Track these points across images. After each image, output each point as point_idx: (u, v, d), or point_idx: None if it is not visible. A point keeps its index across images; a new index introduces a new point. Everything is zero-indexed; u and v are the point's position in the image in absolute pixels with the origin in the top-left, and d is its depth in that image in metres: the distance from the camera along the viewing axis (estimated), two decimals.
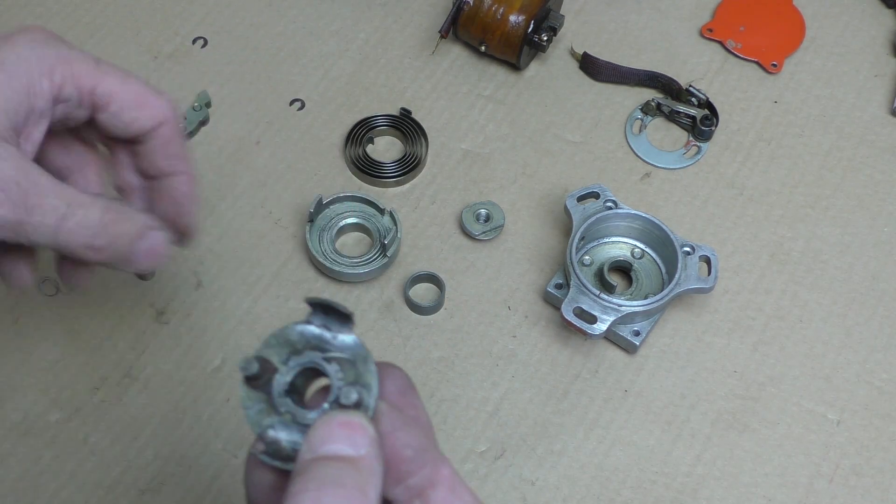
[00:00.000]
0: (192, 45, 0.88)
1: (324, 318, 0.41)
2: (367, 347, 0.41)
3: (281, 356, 0.41)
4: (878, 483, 0.70)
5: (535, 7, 0.83)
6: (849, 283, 0.78)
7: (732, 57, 0.88)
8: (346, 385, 0.40)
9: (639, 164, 0.83)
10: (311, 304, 0.42)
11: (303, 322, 0.42)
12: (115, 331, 0.74)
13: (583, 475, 0.69)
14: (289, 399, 0.41)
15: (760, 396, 0.73)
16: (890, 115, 0.86)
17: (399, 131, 0.83)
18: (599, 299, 0.71)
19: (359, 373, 0.40)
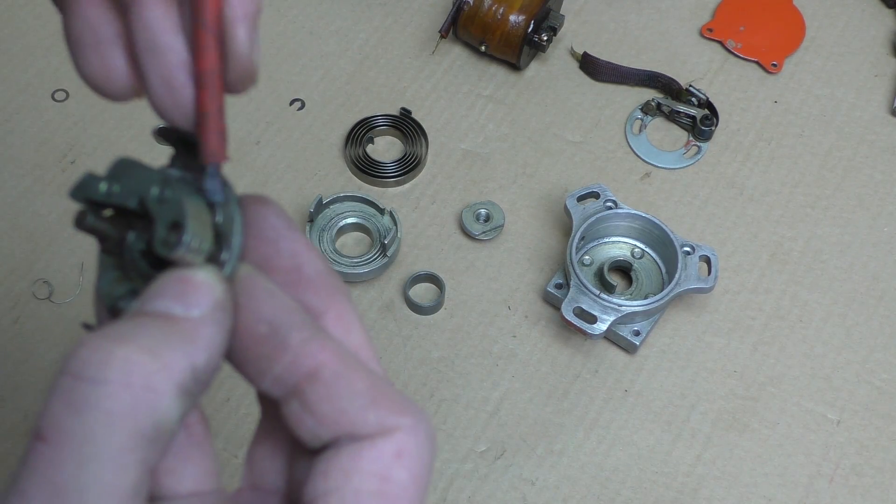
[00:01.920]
0: None
1: (185, 159, 0.33)
2: (232, 192, 0.33)
3: (111, 189, 0.33)
4: (878, 483, 0.70)
5: (535, 7, 0.83)
6: (849, 283, 0.78)
7: (732, 57, 0.88)
8: (196, 238, 0.31)
9: (639, 164, 0.83)
10: (167, 139, 0.33)
11: (162, 167, 0.33)
12: None
13: (583, 475, 0.69)
14: (144, 262, 0.33)
15: (760, 396, 0.73)
16: (890, 115, 0.86)
17: (399, 131, 0.83)
18: (599, 299, 0.71)
19: (219, 224, 0.32)
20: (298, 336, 0.30)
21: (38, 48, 0.87)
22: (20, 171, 0.81)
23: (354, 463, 0.29)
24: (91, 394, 0.27)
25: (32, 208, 0.79)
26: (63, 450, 0.27)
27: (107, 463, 0.27)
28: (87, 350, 0.28)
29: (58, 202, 0.79)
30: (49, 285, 0.75)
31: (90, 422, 0.27)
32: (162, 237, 0.30)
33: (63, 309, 0.74)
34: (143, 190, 0.31)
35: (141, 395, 0.27)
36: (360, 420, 0.29)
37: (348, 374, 0.30)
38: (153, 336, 0.28)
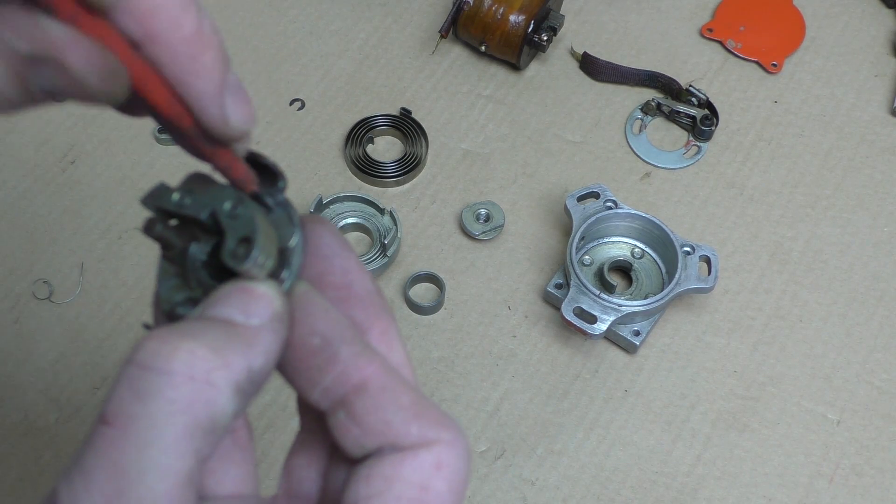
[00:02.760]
0: None
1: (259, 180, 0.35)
2: (294, 211, 0.35)
3: (183, 200, 0.34)
4: (878, 483, 0.70)
5: (535, 7, 0.83)
6: (849, 283, 0.78)
7: (732, 57, 0.88)
8: (263, 254, 0.33)
9: (639, 164, 0.83)
10: (248, 162, 0.35)
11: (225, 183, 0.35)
12: (115, 331, 0.74)
13: (583, 475, 0.69)
14: (205, 272, 0.35)
15: (760, 396, 0.73)
16: (890, 115, 0.86)
17: (399, 131, 0.83)
18: (599, 299, 0.71)
19: (282, 239, 0.34)
20: (348, 350, 0.32)
21: None
22: (20, 171, 0.81)
23: (396, 471, 0.31)
24: (156, 383, 0.29)
25: (32, 208, 0.79)
26: (126, 433, 0.28)
27: (166, 448, 0.28)
28: (154, 342, 0.30)
29: (58, 202, 0.79)
30: (49, 285, 0.75)
31: (154, 409, 0.29)
32: (231, 249, 0.32)
33: (63, 309, 0.74)
34: (216, 204, 0.33)
35: (202, 389, 0.29)
36: (404, 432, 0.31)
37: (393, 388, 0.32)
38: (216, 336, 0.30)
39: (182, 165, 0.81)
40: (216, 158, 0.34)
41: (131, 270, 0.76)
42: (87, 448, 0.29)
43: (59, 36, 0.29)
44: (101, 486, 0.28)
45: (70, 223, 0.78)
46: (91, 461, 0.29)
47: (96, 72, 0.29)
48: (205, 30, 0.32)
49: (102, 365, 0.72)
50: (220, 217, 0.33)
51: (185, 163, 0.83)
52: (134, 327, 0.74)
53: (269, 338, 0.32)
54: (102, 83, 0.30)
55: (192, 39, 0.31)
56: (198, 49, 0.32)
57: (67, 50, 0.29)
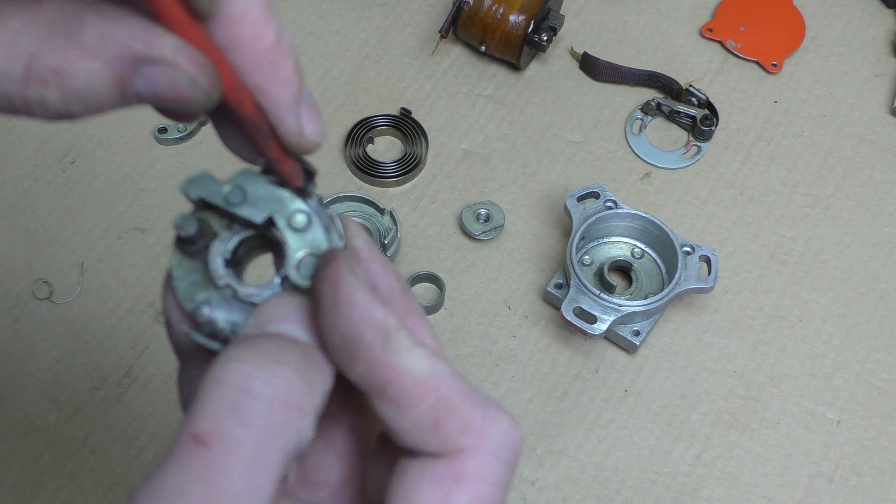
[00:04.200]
0: None
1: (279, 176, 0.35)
2: (330, 214, 0.35)
3: (234, 197, 0.34)
4: (878, 483, 0.70)
5: (535, 7, 0.83)
6: (849, 283, 0.78)
7: (732, 57, 0.88)
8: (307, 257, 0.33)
9: (639, 164, 0.83)
10: None
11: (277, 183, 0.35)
12: (115, 331, 0.74)
13: (583, 475, 0.69)
14: (230, 270, 0.34)
15: (760, 396, 0.73)
16: (890, 115, 0.86)
17: (399, 131, 0.83)
18: (599, 299, 0.71)
19: (316, 244, 0.34)
20: (366, 354, 0.31)
21: None
22: (20, 171, 0.81)
23: (416, 485, 0.31)
24: (258, 407, 0.29)
25: (32, 208, 0.79)
26: (227, 456, 0.28)
27: (263, 472, 0.29)
28: (246, 365, 0.30)
29: (58, 202, 0.79)
30: (49, 285, 0.75)
31: (255, 432, 0.29)
32: (297, 263, 0.33)
33: (63, 309, 0.74)
34: (275, 212, 0.34)
35: (295, 415, 0.30)
36: (422, 442, 0.31)
37: (413, 394, 0.31)
38: (301, 360, 0.31)
39: (182, 165, 0.81)
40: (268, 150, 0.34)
41: (131, 270, 0.76)
42: (177, 465, 0.29)
43: (171, 40, 0.29)
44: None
45: (70, 223, 0.78)
46: (183, 479, 0.28)
47: (204, 77, 0.30)
48: (284, 41, 0.32)
49: (102, 365, 0.72)
50: (282, 226, 0.33)
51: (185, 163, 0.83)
52: (134, 327, 0.74)
53: (327, 356, 0.32)
54: (209, 89, 0.30)
55: (273, 49, 0.32)
56: (278, 59, 0.32)
57: (180, 54, 0.29)
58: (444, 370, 0.32)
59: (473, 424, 0.31)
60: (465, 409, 0.31)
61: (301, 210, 0.34)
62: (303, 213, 0.34)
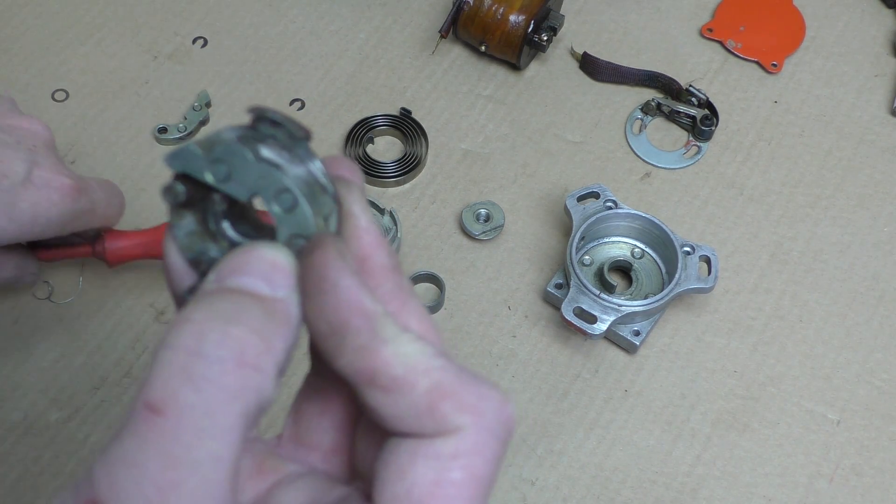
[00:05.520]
0: (192, 45, 0.88)
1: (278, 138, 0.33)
2: (325, 177, 0.33)
3: (219, 173, 0.32)
4: (878, 483, 0.70)
5: (535, 7, 0.83)
6: (849, 283, 0.78)
7: (732, 57, 0.88)
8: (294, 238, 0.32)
9: (639, 164, 0.83)
10: (257, 116, 0.33)
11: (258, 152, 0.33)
12: (115, 331, 0.74)
13: (583, 475, 0.69)
14: (228, 224, 0.33)
15: (760, 396, 0.73)
16: (890, 115, 0.86)
17: (399, 131, 0.83)
18: (599, 299, 0.71)
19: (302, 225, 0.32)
20: (353, 342, 0.30)
21: (38, 48, 0.87)
22: None
23: (411, 461, 0.30)
24: (209, 370, 0.28)
25: None
26: (181, 423, 0.27)
27: (220, 437, 0.28)
28: (199, 326, 0.29)
29: None
30: (49, 285, 0.75)
31: (209, 397, 0.28)
32: (284, 241, 0.32)
33: (63, 309, 0.74)
34: (260, 190, 0.32)
35: (252, 375, 0.28)
36: (417, 426, 0.30)
37: (405, 381, 0.30)
38: (258, 317, 0.29)
39: None
40: None
41: (131, 270, 0.76)
42: (132, 437, 0.28)
43: None
44: (154, 477, 0.27)
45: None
46: (139, 451, 0.28)
47: None
48: None
49: (102, 365, 0.72)
50: (269, 207, 0.32)
51: None
52: (134, 327, 0.74)
53: (294, 311, 0.31)
54: None
55: None
56: None
57: None
58: (433, 352, 0.31)
59: (468, 403, 0.30)
60: (459, 390, 0.30)
61: (286, 189, 0.32)
62: (288, 192, 0.32)
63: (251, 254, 0.31)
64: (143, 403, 0.28)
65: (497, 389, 0.31)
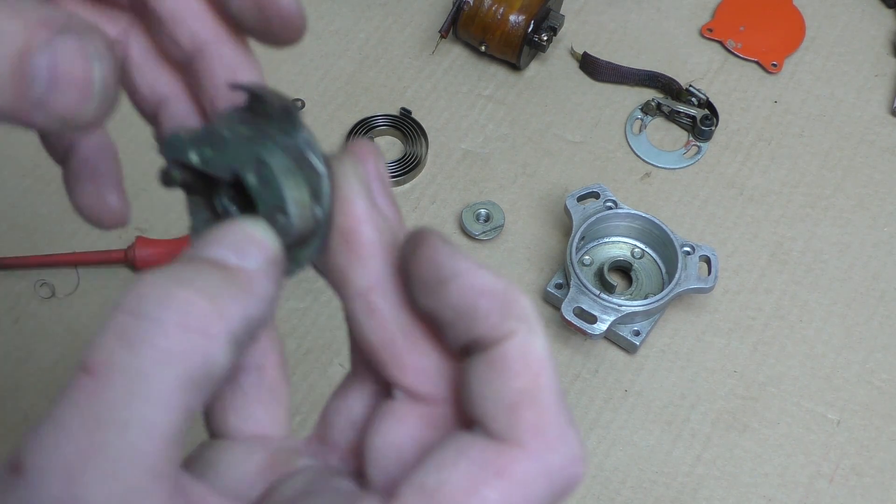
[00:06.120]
0: None
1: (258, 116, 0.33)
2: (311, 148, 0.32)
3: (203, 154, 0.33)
4: (878, 483, 0.70)
5: (535, 7, 0.83)
6: (849, 283, 0.78)
7: (732, 57, 0.88)
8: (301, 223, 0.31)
9: (639, 164, 0.83)
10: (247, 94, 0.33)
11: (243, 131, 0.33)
12: None
13: None
14: (235, 207, 0.33)
15: (760, 396, 0.73)
16: (890, 115, 0.86)
17: (399, 131, 0.83)
18: (599, 299, 0.71)
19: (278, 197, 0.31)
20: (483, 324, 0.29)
21: None
22: (20, 171, 0.81)
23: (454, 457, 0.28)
24: (146, 331, 0.27)
25: (32, 208, 0.79)
26: (110, 384, 0.26)
27: (154, 402, 0.26)
28: (145, 288, 0.28)
29: (58, 202, 0.79)
30: (49, 285, 0.75)
31: (142, 358, 0.26)
32: (264, 213, 0.31)
33: (63, 309, 0.74)
34: (237, 166, 0.32)
35: (196, 339, 0.27)
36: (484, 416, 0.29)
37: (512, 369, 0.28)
38: (212, 282, 0.28)
39: None
40: None
41: (131, 270, 0.76)
42: (63, 398, 0.26)
43: None
44: (76, 439, 0.26)
45: (70, 223, 0.78)
46: (66, 413, 0.26)
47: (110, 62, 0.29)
48: None
49: None
50: (246, 184, 0.32)
51: None
52: None
53: (264, 283, 0.30)
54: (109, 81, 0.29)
55: None
56: None
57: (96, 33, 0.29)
58: (551, 358, 0.29)
59: (548, 430, 0.28)
60: (549, 411, 0.28)
61: (261, 161, 0.31)
62: (263, 164, 0.31)
63: (227, 227, 0.31)
64: (80, 366, 0.27)
65: (581, 445, 0.29)
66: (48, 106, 0.29)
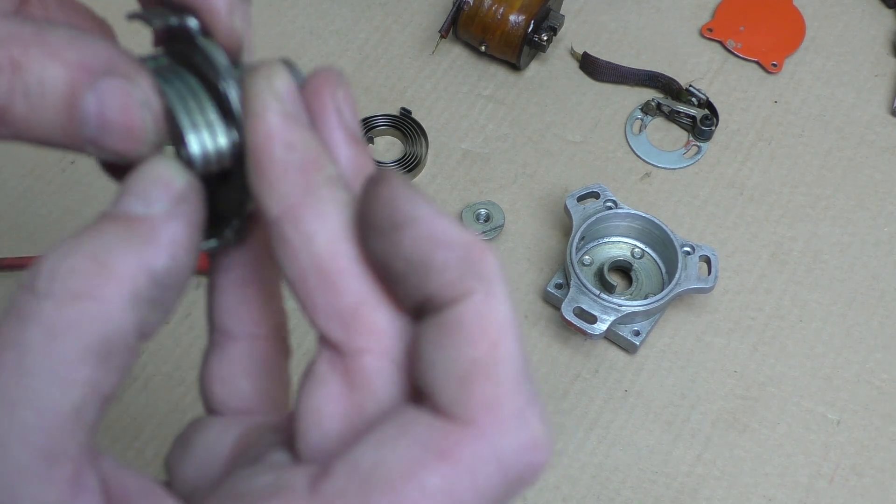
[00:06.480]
0: None
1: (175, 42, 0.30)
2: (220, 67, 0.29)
3: None
4: (878, 483, 0.70)
5: (535, 7, 0.83)
6: (849, 283, 0.78)
7: (732, 57, 0.88)
8: (197, 145, 0.28)
9: (639, 164, 0.83)
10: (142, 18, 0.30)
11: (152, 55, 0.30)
12: None
13: (583, 475, 0.69)
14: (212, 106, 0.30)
15: (760, 396, 0.73)
16: (890, 115, 0.86)
17: (399, 131, 0.83)
18: (599, 299, 0.71)
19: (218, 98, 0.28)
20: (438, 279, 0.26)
21: None
22: (20, 171, 0.81)
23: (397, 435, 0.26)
24: (35, 306, 0.25)
25: (32, 208, 0.79)
26: (2, 362, 0.25)
27: (45, 378, 0.25)
28: (40, 263, 0.26)
29: (58, 202, 0.79)
30: None
31: (31, 334, 0.25)
32: (176, 150, 0.29)
33: None
34: None
35: (87, 307, 0.25)
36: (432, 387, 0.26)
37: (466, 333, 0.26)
38: (104, 242, 0.26)
39: None
40: None
41: None
42: None
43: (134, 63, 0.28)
44: None
45: (70, 223, 0.78)
46: None
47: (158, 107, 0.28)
48: None
49: None
50: None
51: None
52: None
53: (173, 228, 0.27)
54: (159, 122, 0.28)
55: None
56: None
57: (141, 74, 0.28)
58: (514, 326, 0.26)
59: (502, 408, 0.25)
60: (505, 386, 0.25)
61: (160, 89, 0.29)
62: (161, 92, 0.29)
63: (135, 173, 0.28)
64: None
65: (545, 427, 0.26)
66: (102, 145, 0.29)
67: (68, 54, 0.28)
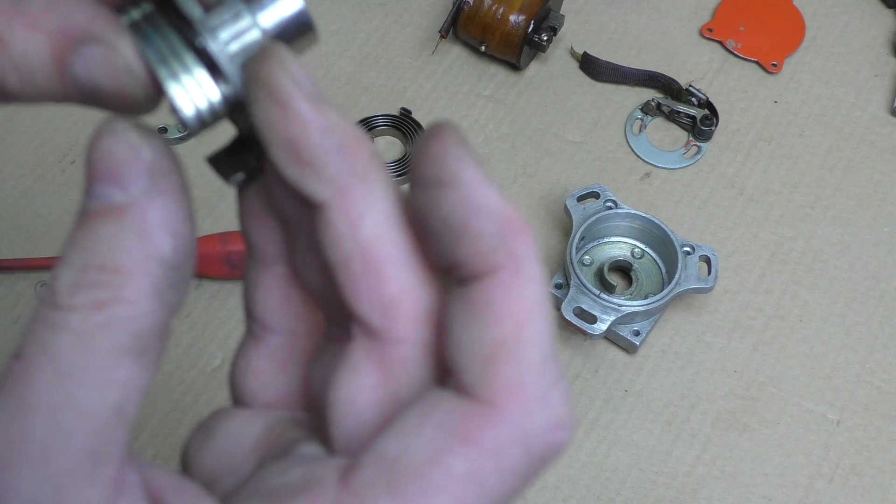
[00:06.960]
0: None
1: None
2: None
3: None
4: (878, 483, 0.70)
5: (535, 7, 0.83)
6: (849, 283, 0.78)
7: (732, 57, 0.88)
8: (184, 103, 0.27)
9: (639, 164, 0.83)
10: None
11: None
12: None
13: (583, 475, 0.69)
14: None
15: (760, 396, 0.73)
16: (890, 115, 0.86)
17: (399, 131, 0.83)
18: (599, 299, 0.71)
19: None
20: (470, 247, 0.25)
21: None
22: (20, 171, 0.81)
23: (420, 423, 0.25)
24: (61, 318, 0.25)
25: (32, 208, 0.79)
26: (39, 368, 0.25)
27: (83, 382, 0.25)
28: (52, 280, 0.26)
29: (58, 202, 0.79)
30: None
31: (63, 341, 0.25)
32: None
33: None
34: None
35: (114, 312, 0.25)
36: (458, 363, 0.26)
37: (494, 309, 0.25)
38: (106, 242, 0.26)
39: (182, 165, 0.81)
40: None
41: None
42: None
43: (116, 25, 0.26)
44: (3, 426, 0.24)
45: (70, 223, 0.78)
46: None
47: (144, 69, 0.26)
48: None
49: None
50: None
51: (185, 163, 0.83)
52: None
53: (158, 207, 0.26)
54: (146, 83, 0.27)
55: None
56: None
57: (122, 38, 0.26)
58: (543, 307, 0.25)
59: (527, 389, 0.25)
60: (530, 367, 0.25)
61: None
62: None
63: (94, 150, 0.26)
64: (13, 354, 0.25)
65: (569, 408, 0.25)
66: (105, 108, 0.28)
67: (48, 22, 0.26)
